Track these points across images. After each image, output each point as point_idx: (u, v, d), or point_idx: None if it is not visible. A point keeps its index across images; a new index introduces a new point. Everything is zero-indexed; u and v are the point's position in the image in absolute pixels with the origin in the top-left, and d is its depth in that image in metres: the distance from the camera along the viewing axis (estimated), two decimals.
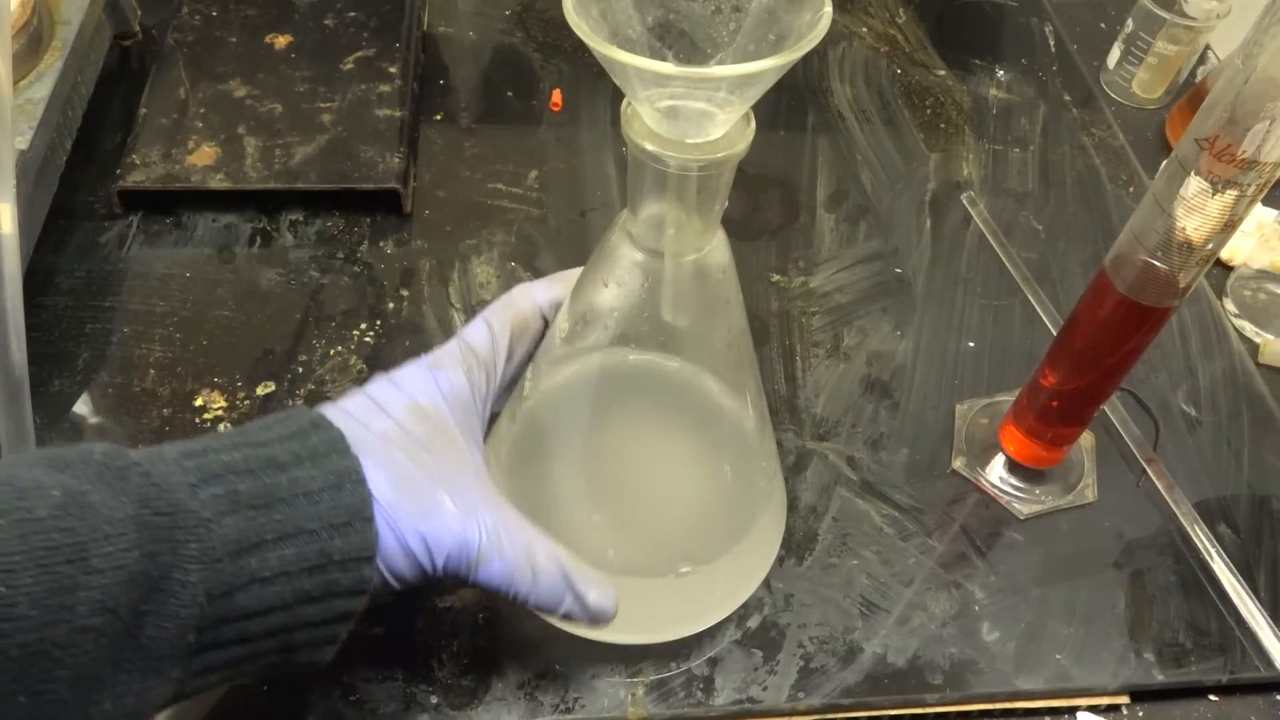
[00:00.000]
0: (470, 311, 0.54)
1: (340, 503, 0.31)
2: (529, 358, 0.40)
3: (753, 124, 0.30)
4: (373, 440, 0.34)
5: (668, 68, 0.26)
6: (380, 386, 0.36)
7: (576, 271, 0.41)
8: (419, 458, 0.34)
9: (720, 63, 0.30)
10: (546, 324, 0.41)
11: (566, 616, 0.36)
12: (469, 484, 0.35)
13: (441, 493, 0.34)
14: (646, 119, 0.30)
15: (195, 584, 0.28)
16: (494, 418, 0.41)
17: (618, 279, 0.35)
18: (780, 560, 0.44)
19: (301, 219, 0.58)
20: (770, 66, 0.26)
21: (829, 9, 0.27)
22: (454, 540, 0.33)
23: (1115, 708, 0.43)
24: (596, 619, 0.36)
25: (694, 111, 0.28)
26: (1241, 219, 0.35)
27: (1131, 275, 0.38)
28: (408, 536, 0.33)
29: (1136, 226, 0.38)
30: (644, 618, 0.40)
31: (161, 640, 0.28)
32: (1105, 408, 0.51)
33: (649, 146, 0.29)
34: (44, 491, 0.26)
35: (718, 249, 0.34)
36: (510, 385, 0.41)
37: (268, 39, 0.63)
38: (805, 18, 0.28)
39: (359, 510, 0.32)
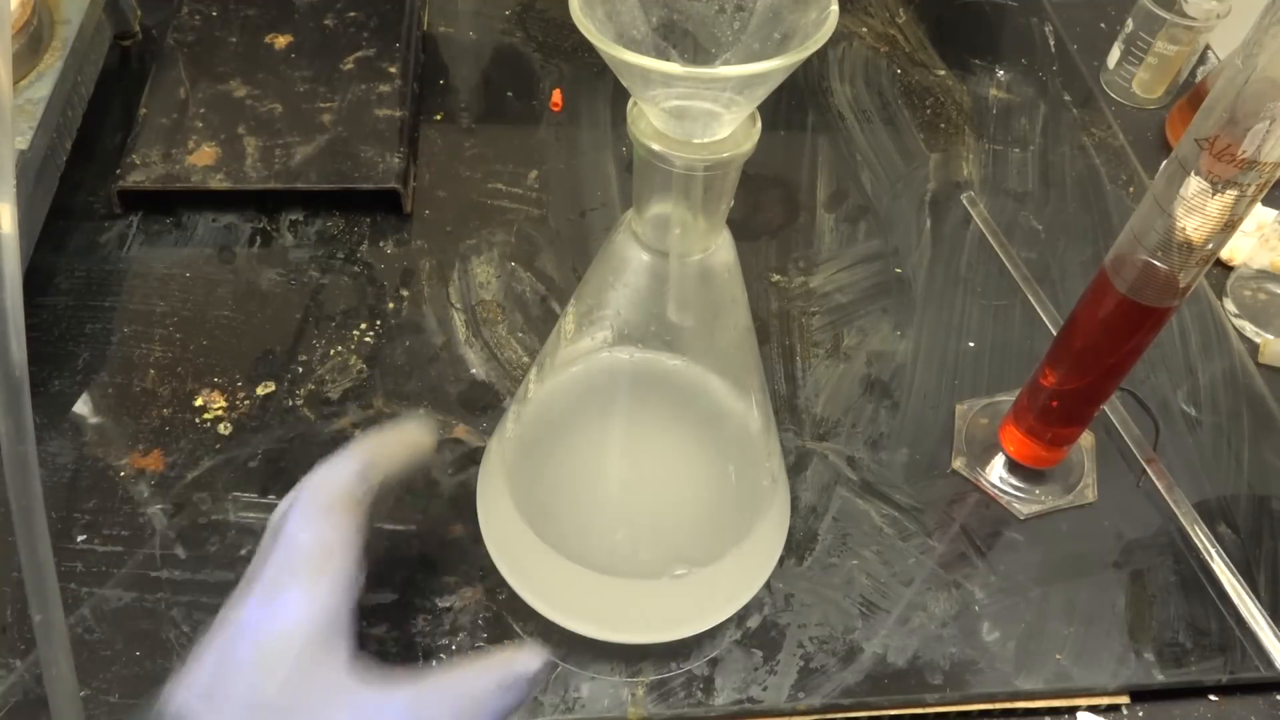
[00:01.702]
0: (470, 311, 0.54)
1: None
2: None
3: (759, 124, 0.30)
4: None
5: (675, 68, 0.26)
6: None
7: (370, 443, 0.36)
8: None
9: (725, 62, 0.30)
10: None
11: None
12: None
13: None
14: (652, 119, 0.29)
15: None
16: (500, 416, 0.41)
17: (623, 279, 0.35)
18: (780, 560, 0.44)
19: (301, 219, 0.57)
20: (778, 66, 0.26)
21: (835, 7, 0.27)
22: None
23: (1115, 708, 0.44)
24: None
25: (700, 111, 0.28)
26: (1241, 219, 0.35)
27: (1131, 275, 0.38)
28: None
29: (1136, 226, 0.38)
30: (645, 618, 0.40)
31: None
32: (1105, 408, 0.51)
33: (655, 146, 0.29)
34: None
35: (723, 248, 0.34)
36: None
37: (268, 39, 0.63)
38: (811, 16, 0.28)
39: None
